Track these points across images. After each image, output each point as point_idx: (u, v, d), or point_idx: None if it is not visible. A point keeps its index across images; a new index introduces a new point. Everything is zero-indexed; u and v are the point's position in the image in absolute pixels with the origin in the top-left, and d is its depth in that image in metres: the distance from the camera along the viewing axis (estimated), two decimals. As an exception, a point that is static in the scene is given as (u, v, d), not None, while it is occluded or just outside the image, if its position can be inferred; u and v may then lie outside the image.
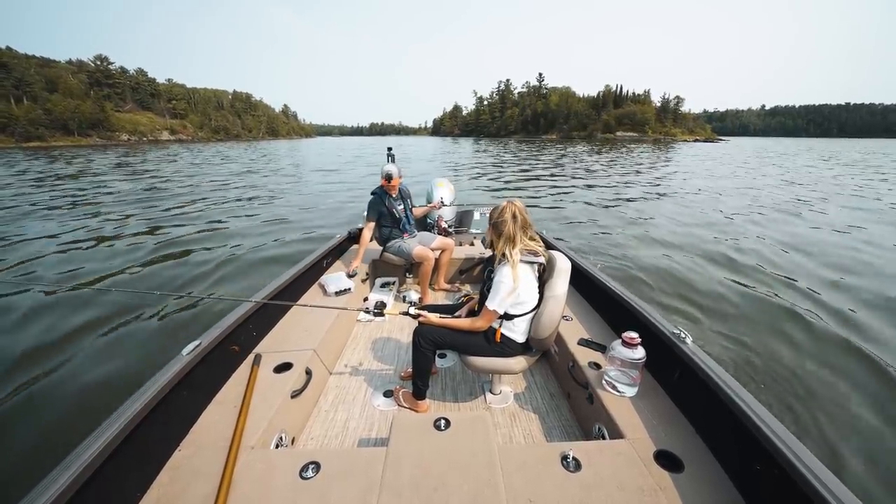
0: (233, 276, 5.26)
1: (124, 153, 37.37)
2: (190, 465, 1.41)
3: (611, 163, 24.27)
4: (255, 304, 2.15)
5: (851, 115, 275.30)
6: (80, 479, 1.12)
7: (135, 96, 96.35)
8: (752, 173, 18.82)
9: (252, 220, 8.76)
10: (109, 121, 77.23)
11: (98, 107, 75.65)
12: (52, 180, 15.89)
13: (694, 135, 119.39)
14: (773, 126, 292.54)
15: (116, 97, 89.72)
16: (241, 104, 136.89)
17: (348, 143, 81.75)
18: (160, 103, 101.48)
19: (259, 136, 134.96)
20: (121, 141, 76.41)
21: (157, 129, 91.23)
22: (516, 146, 51.31)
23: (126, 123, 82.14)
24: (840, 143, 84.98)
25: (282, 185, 14.88)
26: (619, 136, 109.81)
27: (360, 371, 2.40)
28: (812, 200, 11.06)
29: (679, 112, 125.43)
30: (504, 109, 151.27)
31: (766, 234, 7.29)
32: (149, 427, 1.40)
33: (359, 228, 4.11)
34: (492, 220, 1.77)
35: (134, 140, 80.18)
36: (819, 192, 12.66)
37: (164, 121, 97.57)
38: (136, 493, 1.30)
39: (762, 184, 14.71)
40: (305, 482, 1.33)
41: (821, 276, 5.12)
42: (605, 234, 7.32)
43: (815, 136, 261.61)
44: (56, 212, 9.62)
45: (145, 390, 1.44)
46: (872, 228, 7.68)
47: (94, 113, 73.77)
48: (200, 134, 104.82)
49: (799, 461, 1.09)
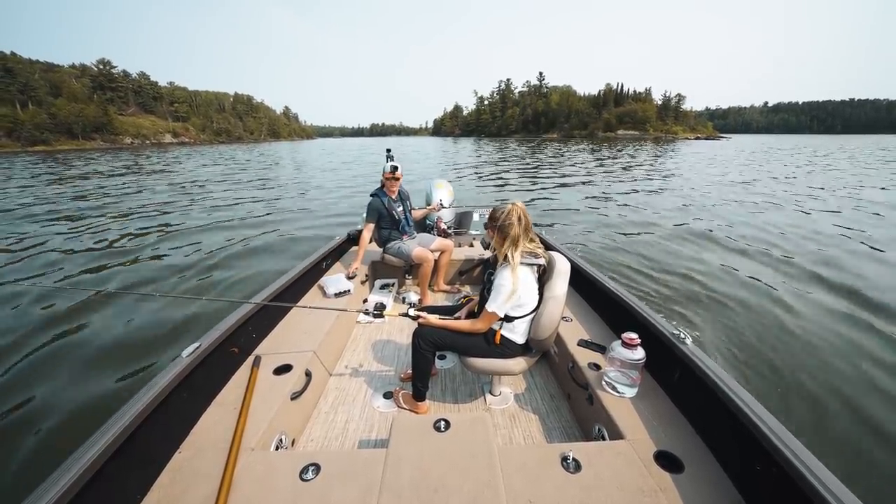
0: (233, 277, 5.27)
1: (134, 155, 37.62)
2: (190, 467, 1.42)
3: (605, 162, 24.13)
4: (254, 305, 2.16)
5: (856, 112, 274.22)
6: (81, 480, 1.12)
7: (137, 99, 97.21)
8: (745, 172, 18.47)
9: (252, 220, 8.85)
10: (113, 124, 78.04)
11: (102, 110, 76.48)
12: (58, 182, 16.08)
13: (695, 132, 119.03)
14: (775, 123, 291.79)
15: (119, 100, 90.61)
16: (242, 106, 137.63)
17: (350, 144, 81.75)
18: (162, 106, 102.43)
19: (261, 137, 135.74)
20: (124, 144, 77.16)
21: (160, 132, 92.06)
22: (516, 145, 51.20)
23: (129, 127, 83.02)
24: (840, 140, 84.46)
25: (285, 186, 14.99)
26: (620, 135, 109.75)
27: (360, 372, 2.40)
28: (803, 197, 11.03)
29: (680, 110, 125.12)
30: (505, 109, 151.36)
31: (763, 229, 7.28)
32: (149, 429, 1.40)
33: (358, 230, 4.11)
34: (497, 223, 1.74)
35: (137, 143, 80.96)
36: (815, 189, 12.61)
37: (166, 124, 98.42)
38: (137, 494, 1.31)
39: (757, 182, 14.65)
40: (305, 484, 1.33)
41: (820, 273, 5.09)
42: (590, 233, 7.34)
43: (818, 132, 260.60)
44: (59, 213, 9.69)
45: (145, 392, 1.45)
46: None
47: (97, 116, 74.59)
48: (203, 136, 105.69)
49: (799, 461, 1.09)
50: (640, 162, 24.42)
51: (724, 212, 9.13)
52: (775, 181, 14.77)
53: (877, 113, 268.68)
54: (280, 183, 15.81)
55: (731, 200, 10.56)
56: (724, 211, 9.22)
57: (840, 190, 12.42)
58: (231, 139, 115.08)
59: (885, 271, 5.20)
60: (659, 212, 9.18)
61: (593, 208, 9.72)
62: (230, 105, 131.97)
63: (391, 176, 3.15)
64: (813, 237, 6.86)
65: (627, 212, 9.28)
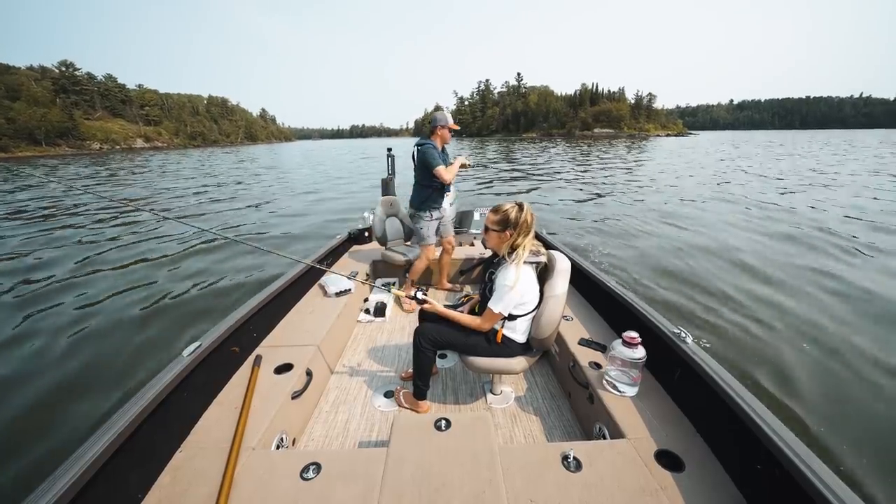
0: (233, 278, 5.25)
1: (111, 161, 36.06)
2: (191, 466, 1.41)
3: (585, 161, 24.49)
4: (255, 305, 2.15)
5: (811, 108, 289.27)
6: (82, 479, 1.12)
7: (104, 103, 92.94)
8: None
9: (251, 221, 8.85)
10: (79, 129, 74.18)
11: (67, 115, 72.44)
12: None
13: (666, 129, 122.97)
14: (741, 120, 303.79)
15: (85, 104, 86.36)
16: (217, 109, 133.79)
17: (338, 147, 77.79)
18: (132, 110, 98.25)
19: (237, 141, 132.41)
20: (92, 150, 73.41)
21: (131, 137, 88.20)
22: (497, 145, 51.35)
23: (97, 131, 79.05)
24: (790, 135, 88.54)
25: (276, 188, 14.95)
26: (596, 133, 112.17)
27: (361, 372, 2.40)
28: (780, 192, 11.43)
29: (652, 108, 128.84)
30: (485, 109, 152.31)
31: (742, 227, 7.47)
32: (150, 428, 1.40)
33: (359, 229, 4.12)
34: (512, 221, 1.71)
35: (107, 149, 77.30)
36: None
37: (137, 128, 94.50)
38: (138, 493, 1.30)
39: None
40: (306, 483, 1.33)
41: (818, 270, 5.01)
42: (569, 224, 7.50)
43: (779, 128, 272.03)
44: (59, 213, 9.79)
45: (146, 391, 1.44)
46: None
47: (62, 121, 70.54)
48: (176, 141, 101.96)
49: (800, 460, 1.08)
50: (622, 157, 24.81)
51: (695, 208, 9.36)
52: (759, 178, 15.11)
53: (829, 110, 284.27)
54: (274, 185, 15.67)
55: (706, 198, 10.85)
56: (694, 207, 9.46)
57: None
58: (206, 143, 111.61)
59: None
60: (648, 206, 9.40)
61: (578, 202, 9.87)
62: (204, 108, 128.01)
63: (451, 126, 2.98)
64: (813, 226, 7.02)
65: (613, 206, 9.50)
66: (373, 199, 3.93)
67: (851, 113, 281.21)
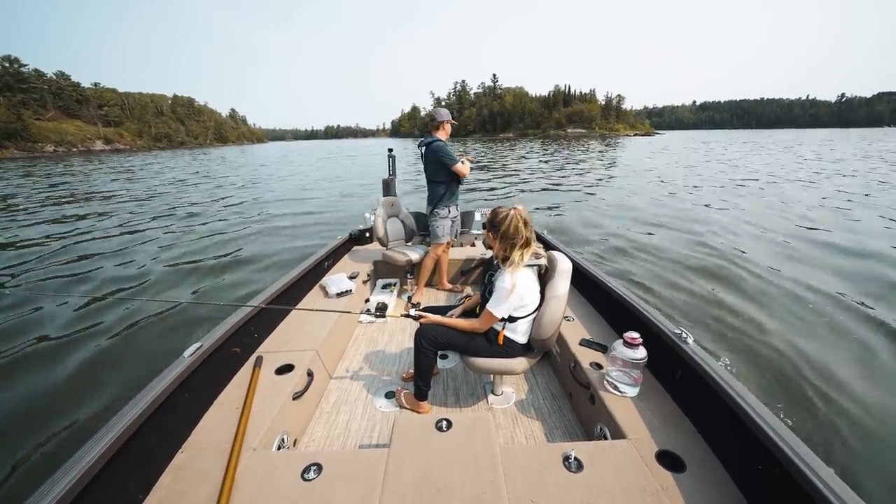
0: (234, 278, 5.25)
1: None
2: (192, 467, 1.41)
3: (563, 162, 24.93)
4: (256, 306, 2.14)
5: (766, 109, 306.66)
6: (83, 480, 1.13)
7: (57, 102, 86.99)
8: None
9: (251, 222, 8.82)
10: (29, 130, 69.05)
11: (14, 115, 67.37)
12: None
13: (635, 129, 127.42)
14: (703, 120, 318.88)
15: (35, 104, 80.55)
16: (183, 109, 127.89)
17: (324, 149, 70.37)
18: (89, 110, 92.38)
19: (206, 142, 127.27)
20: (45, 152, 68.40)
21: (89, 139, 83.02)
22: (476, 144, 51.53)
23: (51, 133, 73.79)
24: (741, 135, 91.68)
25: (277, 189, 14.79)
26: (570, 133, 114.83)
27: (362, 372, 2.39)
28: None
29: (621, 109, 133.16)
30: (462, 110, 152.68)
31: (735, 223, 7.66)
32: (151, 429, 1.39)
33: (360, 229, 4.10)
34: (499, 230, 1.71)
35: (62, 151, 72.40)
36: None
37: (95, 129, 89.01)
38: (139, 494, 1.30)
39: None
40: (307, 483, 1.32)
41: (817, 269, 5.03)
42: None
43: (738, 127, 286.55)
44: (59, 214, 9.85)
45: (147, 392, 1.43)
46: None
47: (9, 122, 65.57)
48: (140, 142, 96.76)
49: (801, 461, 1.08)
50: (596, 156, 25.43)
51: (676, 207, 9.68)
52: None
53: (781, 110, 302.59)
54: (275, 188, 15.42)
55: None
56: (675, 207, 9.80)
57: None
58: (173, 145, 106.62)
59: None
60: (643, 205, 9.70)
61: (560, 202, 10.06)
62: (169, 108, 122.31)
63: (452, 122, 3.11)
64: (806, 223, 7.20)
65: (597, 202, 9.81)
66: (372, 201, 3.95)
67: (800, 113, 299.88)
